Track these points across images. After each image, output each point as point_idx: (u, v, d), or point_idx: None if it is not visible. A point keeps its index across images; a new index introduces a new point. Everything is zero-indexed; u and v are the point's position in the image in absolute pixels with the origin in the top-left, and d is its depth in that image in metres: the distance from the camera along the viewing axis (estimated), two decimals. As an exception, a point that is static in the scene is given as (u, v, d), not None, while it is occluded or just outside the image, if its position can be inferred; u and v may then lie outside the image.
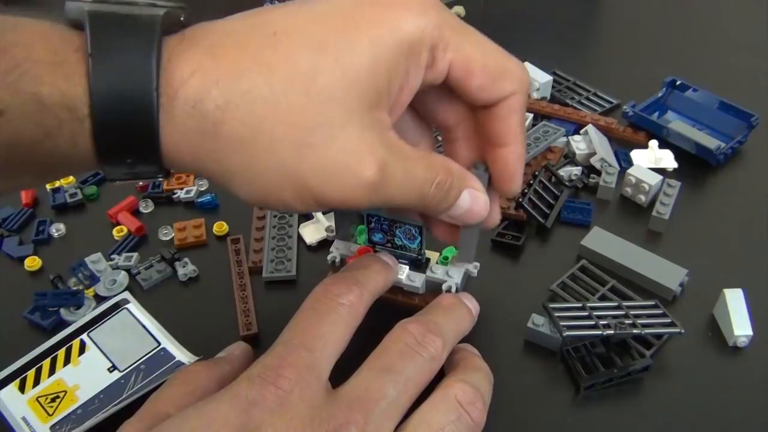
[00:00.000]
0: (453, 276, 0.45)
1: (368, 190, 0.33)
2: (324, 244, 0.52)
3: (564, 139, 0.60)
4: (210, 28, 0.32)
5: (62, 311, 0.47)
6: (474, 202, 0.38)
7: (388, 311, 0.42)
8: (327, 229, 0.53)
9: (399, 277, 0.45)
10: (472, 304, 0.43)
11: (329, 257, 0.47)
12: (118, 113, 0.30)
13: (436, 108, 0.40)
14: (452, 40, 0.34)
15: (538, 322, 0.45)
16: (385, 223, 0.44)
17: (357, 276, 0.39)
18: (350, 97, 0.32)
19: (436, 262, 0.46)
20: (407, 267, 0.45)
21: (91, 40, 0.29)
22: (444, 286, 0.45)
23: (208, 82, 0.30)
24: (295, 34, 0.32)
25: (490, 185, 0.40)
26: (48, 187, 0.57)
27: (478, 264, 0.47)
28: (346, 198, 0.33)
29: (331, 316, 0.36)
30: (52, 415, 0.41)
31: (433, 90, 0.37)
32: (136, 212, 0.56)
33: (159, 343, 0.44)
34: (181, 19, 0.32)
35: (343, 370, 0.36)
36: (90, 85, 0.29)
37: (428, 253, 0.46)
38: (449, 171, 0.37)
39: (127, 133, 0.30)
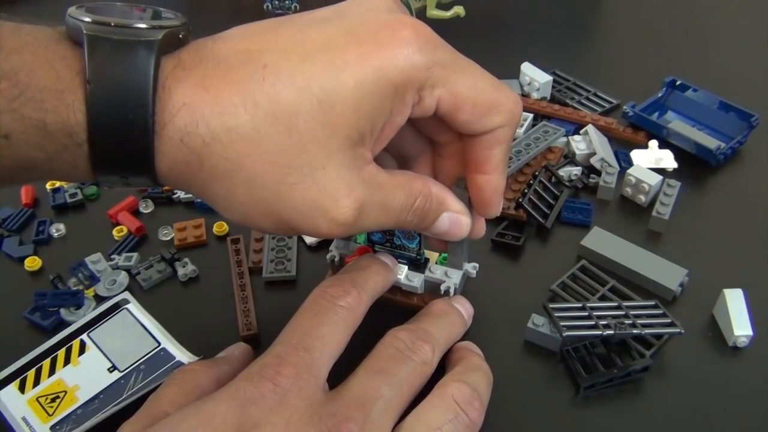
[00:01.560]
0: (451, 276, 0.45)
1: (344, 228, 0.34)
2: (324, 244, 0.52)
3: (564, 139, 0.60)
4: (204, 54, 0.33)
5: (62, 311, 0.47)
6: (453, 224, 0.39)
7: (387, 311, 0.42)
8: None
9: (398, 276, 0.45)
10: (464, 309, 0.44)
11: (328, 256, 0.47)
12: (115, 139, 0.31)
13: (426, 127, 0.40)
14: (442, 78, 0.34)
15: (538, 322, 0.45)
16: None
17: (356, 278, 0.39)
18: (332, 139, 0.32)
19: (435, 262, 0.46)
20: (406, 267, 0.45)
21: (89, 67, 0.30)
22: (442, 287, 0.45)
23: (196, 117, 0.31)
24: (284, 70, 0.32)
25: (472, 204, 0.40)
26: (48, 187, 0.57)
27: (477, 264, 0.47)
28: (323, 234, 0.34)
29: (330, 318, 0.36)
30: (52, 415, 0.41)
31: None
32: (136, 212, 0.56)
33: (159, 343, 0.44)
34: (180, 36, 0.33)
35: (341, 371, 0.36)
36: (88, 113, 0.30)
37: (427, 253, 0.46)
38: (428, 196, 0.37)
39: (123, 157, 0.31)
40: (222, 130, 0.31)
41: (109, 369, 0.43)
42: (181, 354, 0.44)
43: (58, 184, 0.58)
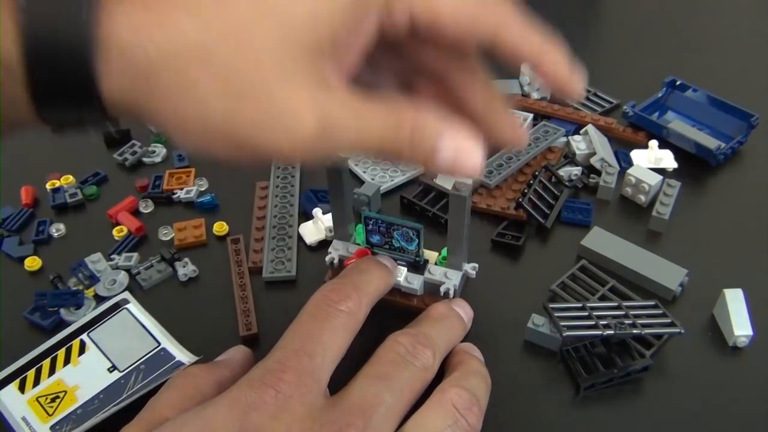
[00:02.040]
0: (451, 278, 0.45)
1: (307, 144, 0.30)
2: (324, 245, 0.52)
3: (564, 139, 0.60)
4: None
5: (62, 311, 0.47)
6: (458, 152, 0.33)
7: (386, 312, 0.42)
8: (327, 229, 0.53)
9: (397, 278, 0.45)
10: (464, 311, 0.43)
11: (327, 258, 0.47)
12: (53, 63, 0.28)
13: (422, 56, 0.36)
14: None
15: (538, 322, 0.45)
16: (383, 225, 0.44)
17: (356, 281, 0.39)
18: (287, 52, 0.30)
19: (434, 263, 0.46)
20: (405, 269, 0.45)
21: None
22: (442, 288, 0.45)
23: (140, 36, 0.29)
24: None
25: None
26: (48, 187, 0.57)
27: (476, 265, 0.47)
28: (284, 152, 0.30)
29: (331, 323, 0.36)
30: (52, 415, 0.41)
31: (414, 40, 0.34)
32: (135, 212, 0.56)
33: (159, 343, 0.44)
34: None
35: (340, 375, 0.36)
36: (21, 36, 0.28)
37: (426, 254, 0.46)
38: (421, 127, 0.32)
39: (64, 84, 0.29)
40: (168, 48, 0.28)
41: (109, 369, 0.43)
42: (181, 354, 0.44)
43: (58, 183, 0.58)
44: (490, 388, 0.39)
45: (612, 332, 0.42)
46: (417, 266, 0.46)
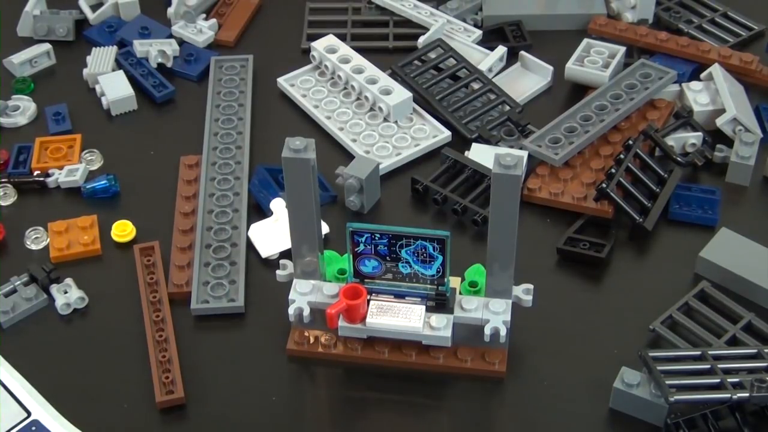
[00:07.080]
0: (497, 310, 0.45)
1: None
2: (286, 257, 0.52)
3: (675, 87, 0.61)
4: None
5: None
6: None
7: (393, 383, 0.41)
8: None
9: (411, 325, 0.45)
10: None
11: (291, 310, 0.47)
12: None
13: None
14: None
15: (630, 380, 0.45)
16: (383, 242, 0.44)
17: None
18: None
19: (459, 293, 0.47)
20: (423, 308, 0.46)
21: None
22: (487, 329, 0.45)
23: None
24: None
25: None
26: None
27: (530, 286, 0.47)
28: None
29: None
30: None
31: None
32: (-13, 205, 0.57)
33: (29, 414, 0.45)
34: None
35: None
36: None
37: (451, 281, 0.46)
38: None
39: None
40: None
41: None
42: (61, 429, 0.44)
43: None
44: None
45: (747, 395, 0.43)
46: (441, 302, 0.46)
